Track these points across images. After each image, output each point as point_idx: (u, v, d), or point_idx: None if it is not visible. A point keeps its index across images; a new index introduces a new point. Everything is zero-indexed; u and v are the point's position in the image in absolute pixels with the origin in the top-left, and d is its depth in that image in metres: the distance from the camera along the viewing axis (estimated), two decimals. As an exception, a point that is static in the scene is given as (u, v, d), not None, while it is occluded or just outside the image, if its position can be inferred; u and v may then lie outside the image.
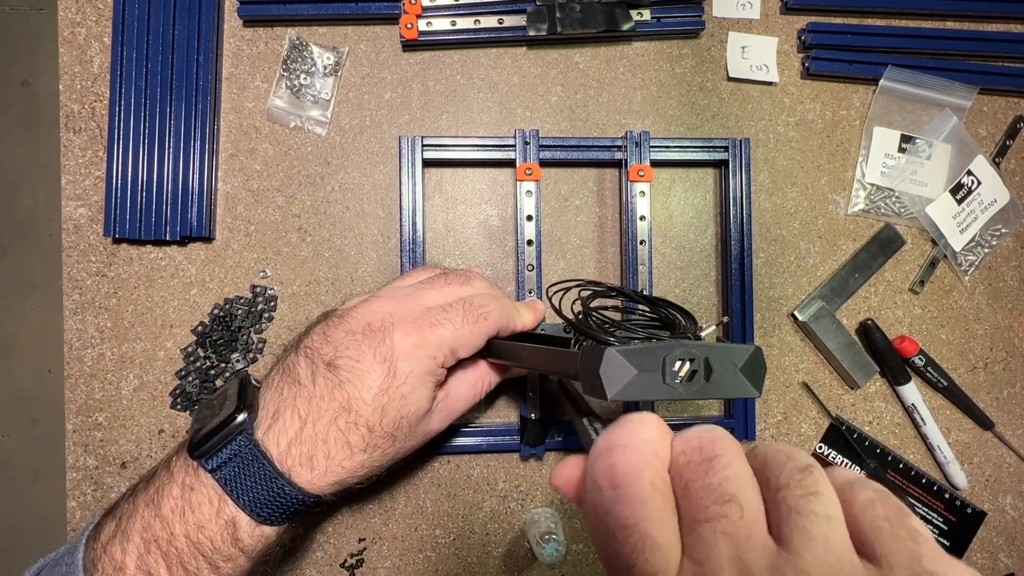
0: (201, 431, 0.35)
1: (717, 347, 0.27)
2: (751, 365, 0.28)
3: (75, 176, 0.48)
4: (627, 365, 0.26)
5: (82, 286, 0.48)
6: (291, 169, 0.49)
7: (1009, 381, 0.54)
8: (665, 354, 0.26)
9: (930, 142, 0.53)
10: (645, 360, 0.26)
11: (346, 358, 0.36)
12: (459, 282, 0.41)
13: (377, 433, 0.36)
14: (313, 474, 0.35)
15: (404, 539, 0.49)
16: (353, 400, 0.35)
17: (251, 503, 0.34)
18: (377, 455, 0.37)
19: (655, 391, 0.26)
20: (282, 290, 0.49)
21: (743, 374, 0.28)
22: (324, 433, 0.35)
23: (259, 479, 0.34)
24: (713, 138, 0.50)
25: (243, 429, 0.35)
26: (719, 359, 0.27)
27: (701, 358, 0.27)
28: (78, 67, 0.48)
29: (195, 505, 0.34)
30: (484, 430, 0.49)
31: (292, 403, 0.35)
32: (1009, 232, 0.54)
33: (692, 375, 0.27)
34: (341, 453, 0.35)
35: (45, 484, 1.37)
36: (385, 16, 0.49)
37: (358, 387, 0.35)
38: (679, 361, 0.26)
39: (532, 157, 0.48)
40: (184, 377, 0.48)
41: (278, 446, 0.35)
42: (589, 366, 0.27)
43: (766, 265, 0.52)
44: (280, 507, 0.34)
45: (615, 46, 0.52)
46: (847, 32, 0.52)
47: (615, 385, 0.26)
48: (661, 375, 0.26)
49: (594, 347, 0.28)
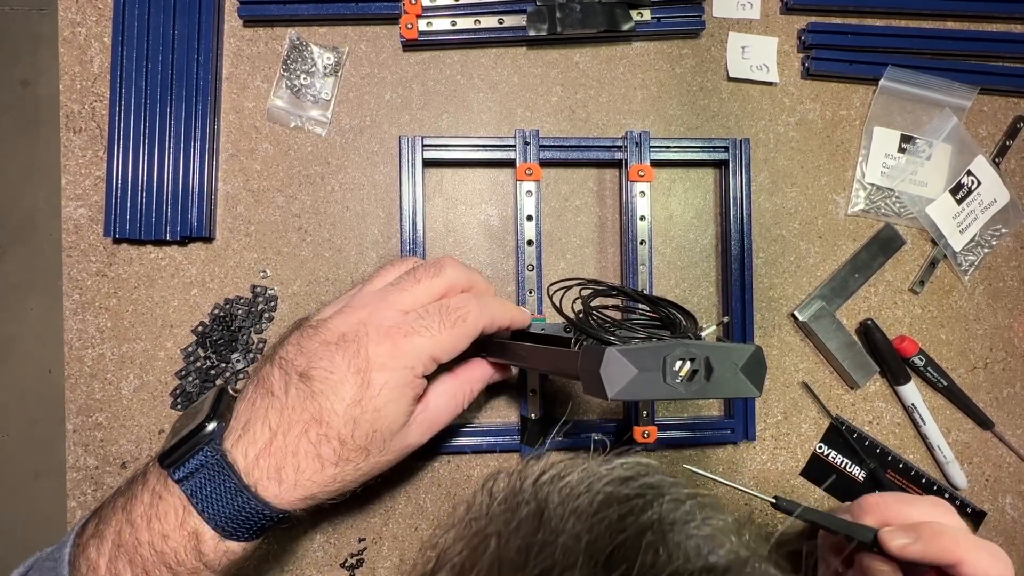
0: (173, 440, 0.35)
1: (718, 347, 0.27)
2: (752, 365, 0.28)
3: (75, 176, 0.48)
4: (628, 365, 0.26)
5: (82, 286, 0.48)
6: (291, 169, 0.49)
7: (1009, 381, 0.54)
8: (666, 354, 0.26)
9: (930, 142, 0.53)
10: (646, 360, 0.26)
11: (319, 369, 0.35)
12: (429, 276, 0.38)
13: (349, 446, 0.35)
14: (281, 488, 0.34)
15: (404, 539, 0.49)
16: (325, 412, 0.34)
17: (215, 516, 0.33)
18: (349, 469, 0.35)
19: (656, 391, 0.26)
20: (282, 290, 0.49)
21: (744, 374, 0.28)
22: (294, 445, 0.34)
23: (224, 491, 0.33)
24: (713, 138, 0.50)
25: (212, 439, 0.34)
26: (720, 359, 0.27)
27: (702, 358, 0.27)
28: (78, 67, 0.48)
29: (161, 514, 0.33)
30: (484, 430, 0.49)
31: (263, 414, 0.35)
32: (1009, 232, 0.54)
33: (693, 375, 0.27)
34: (312, 467, 0.34)
35: (45, 484, 1.37)
36: (385, 16, 0.49)
37: (330, 398, 0.34)
38: (680, 361, 0.26)
39: (532, 157, 0.48)
40: (184, 377, 0.48)
41: (246, 457, 0.34)
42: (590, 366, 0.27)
43: (766, 265, 0.52)
44: (245, 521, 0.34)
45: (615, 46, 0.52)
46: (847, 32, 0.52)
47: (616, 384, 0.26)
48: (662, 375, 0.26)
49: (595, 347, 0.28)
